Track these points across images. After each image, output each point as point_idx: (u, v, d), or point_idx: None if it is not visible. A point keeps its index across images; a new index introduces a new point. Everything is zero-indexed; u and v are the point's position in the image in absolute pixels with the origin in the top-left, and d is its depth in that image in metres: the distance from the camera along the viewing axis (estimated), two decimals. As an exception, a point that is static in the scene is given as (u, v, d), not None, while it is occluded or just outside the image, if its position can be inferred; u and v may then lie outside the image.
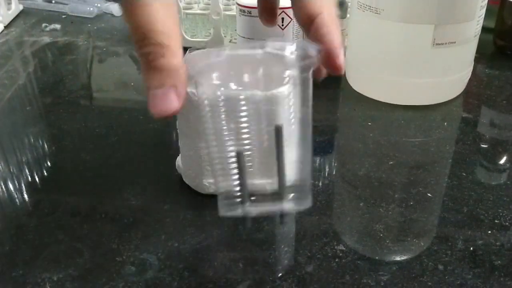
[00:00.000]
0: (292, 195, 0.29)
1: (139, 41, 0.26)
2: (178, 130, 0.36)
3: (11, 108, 0.50)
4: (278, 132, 0.28)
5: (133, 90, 0.54)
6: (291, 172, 0.29)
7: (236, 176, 0.28)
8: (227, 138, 0.28)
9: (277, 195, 0.29)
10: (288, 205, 0.29)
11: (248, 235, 0.33)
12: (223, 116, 0.29)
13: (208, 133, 0.29)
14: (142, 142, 0.43)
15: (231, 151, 0.28)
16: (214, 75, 0.30)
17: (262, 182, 0.35)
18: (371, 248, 0.32)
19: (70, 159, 0.41)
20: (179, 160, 0.37)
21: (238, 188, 0.28)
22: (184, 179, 0.37)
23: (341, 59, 0.29)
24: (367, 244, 0.32)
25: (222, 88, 0.29)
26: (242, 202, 0.28)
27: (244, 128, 0.29)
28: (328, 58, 0.29)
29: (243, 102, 0.29)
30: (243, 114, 0.29)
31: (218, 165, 0.28)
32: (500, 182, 0.38)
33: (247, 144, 0.29)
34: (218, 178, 0.28)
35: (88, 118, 0.47)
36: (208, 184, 0.35)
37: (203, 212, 0.35)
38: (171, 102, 0.27)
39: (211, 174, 0.31)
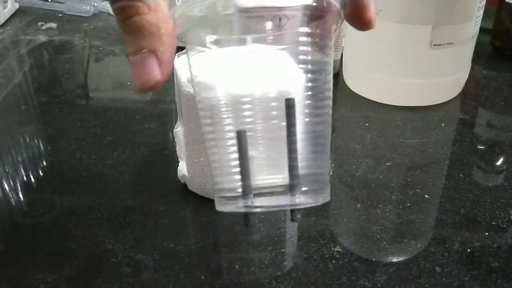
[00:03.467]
0: (306, 187, 0.23)
1: None
2: (182, 138, 0.36)
3: (7, 107, 0.50)
4: (289, 107, 0.23)
5: (129, 89, 0.54)
6: (305, 161, 0.24)
7: (236, 163, 0.23)
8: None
9: (288, 186, 0.23)
10: (302, 198, 0.23)
11: (244, 236, 0.33)
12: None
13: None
14: (138, 141, 0.43)
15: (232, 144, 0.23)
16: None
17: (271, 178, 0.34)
18: (368, 250, 0.32)
19: (66, 159, 0.41)
20: (182, 170, 0.37)
21: (238, 178, 0.23)
22: (190, 187, 0.36)
23: (371, 11, 0.24)
24: (364, 245, 0.32)
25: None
26: (244, 195, 0.23)
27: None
28: (355, 10, 0.24)
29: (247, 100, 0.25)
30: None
31: (217, 162, 0.24)
32: (497, 183, 0.38)
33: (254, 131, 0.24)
34: (216, 171, 0.24)
35: (84, 118, 0.47)
36: None
37: (199, 213, 0.35)
38: (151, 71, 0.22)
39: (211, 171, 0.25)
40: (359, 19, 0.24)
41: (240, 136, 0.22)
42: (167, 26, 0.22)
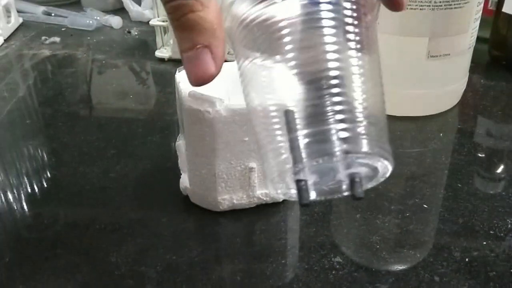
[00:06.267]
0: (364, 149, 0.21)
1: None
2: (183, 151, 0.36)
3: (12, 121, 0.51)
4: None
5: (132, 102, 0.55)
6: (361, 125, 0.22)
7: (285, 142, 0.21)
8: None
9: (343, 151, 0.21)
10: (359, 163, 0.21)
11: (245, 247, 0.33)
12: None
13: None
14: (140, 155, 0.44)
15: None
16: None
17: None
18: (368, 260, 0.32)
19: (70, 173, 0.42)
20: (184, 182, 0.37)
21: (288, 158, 0.21)
22: (192, 200, 0.37)
23: None
24: (363, 256, 0.33)
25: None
26: (295, 171, 0.21)
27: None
28: None
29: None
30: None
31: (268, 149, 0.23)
32: (495, 192, 0.39)
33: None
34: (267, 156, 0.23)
35: (88, 131, 0.48)
36: (222, 200, 0.35)
37: (201, 225, 0.35)
38: (206, 65, 0.23)
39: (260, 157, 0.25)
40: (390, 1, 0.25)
41: (288, 115, 0.22)
42: (219, 21, 0.23)
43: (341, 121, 0.21)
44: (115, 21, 0.75)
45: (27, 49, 0.69)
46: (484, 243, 0.33)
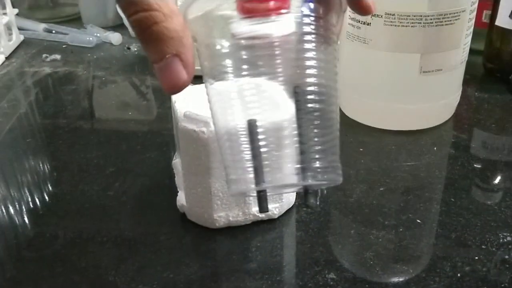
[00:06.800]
0: (317, 168, 0.24)
1: (126, 9, 0.23)
2: (180, 169, 0.37)
3: (13, 137, 0.51)
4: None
5: (132, 119, 0.55)
6: (314, 144, 0.24)
7: (248, 149, 0.24)
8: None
9: (300, 168, 0.24)
10: (313, 179, 0.24)
11: (241, 264, 0.34)
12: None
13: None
14: (139, 172, 0.44)
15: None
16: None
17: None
18: (361, 276, 0.33)
19: (69, 191, 0.42)
20: (181, 200, 0.38)
21: (250, 163, 0.23)
22: (188, 217, 0.38)
23: None
24: (357, 272, 0.33)
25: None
26: (256, 180, 0.24)
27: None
28: None
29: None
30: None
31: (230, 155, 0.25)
32: (487, 207, 0.39)
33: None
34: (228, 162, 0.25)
35: (87, 149, 0.49)
36: (218, 218, 0.36)
37: (198, 242, 0.36)
38: (177, 73, 0.23)
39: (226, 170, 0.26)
40: (358, 6, 0.26)
41: (251, 126, 0.23)
42: (184, 28, 0.23)
43: (300, 150, 0.23)
44: (115, 37, 0.77)
45: (28, 67, 0.70)
46: (476, 258, 0.34)
